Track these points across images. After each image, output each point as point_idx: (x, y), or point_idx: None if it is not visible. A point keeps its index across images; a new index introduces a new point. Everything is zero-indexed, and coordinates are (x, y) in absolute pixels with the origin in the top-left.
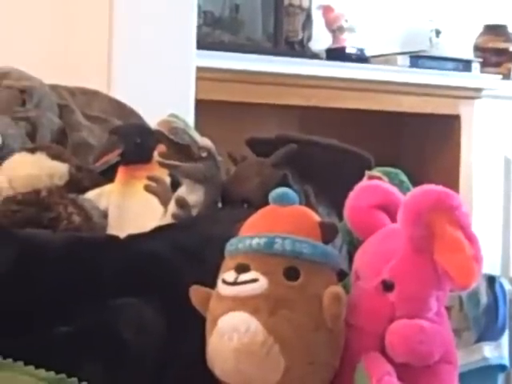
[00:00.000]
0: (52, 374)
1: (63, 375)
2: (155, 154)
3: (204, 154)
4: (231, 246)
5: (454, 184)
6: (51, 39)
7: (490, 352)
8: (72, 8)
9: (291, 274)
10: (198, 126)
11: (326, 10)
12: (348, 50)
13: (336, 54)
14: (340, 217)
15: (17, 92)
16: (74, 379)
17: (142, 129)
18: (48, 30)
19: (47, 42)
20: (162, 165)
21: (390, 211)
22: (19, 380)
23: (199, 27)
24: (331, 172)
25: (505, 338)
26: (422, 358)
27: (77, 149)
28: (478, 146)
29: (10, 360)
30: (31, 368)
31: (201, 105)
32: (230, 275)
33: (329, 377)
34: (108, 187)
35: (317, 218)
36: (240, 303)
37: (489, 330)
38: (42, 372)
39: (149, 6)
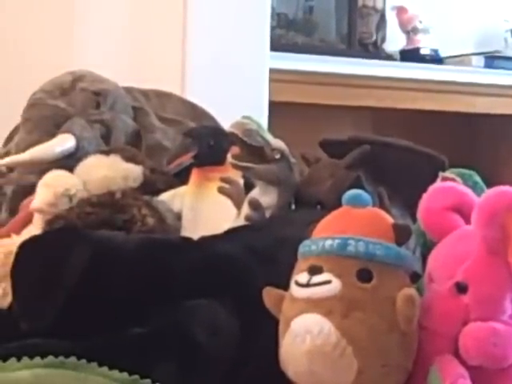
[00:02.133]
0: (125, 375)
1: (136, 376)
2: (229, 156)
3: (277, 156)
4: (304, 247)
5: None
6: (125, 42)
7: None
8: (146, 11)
9: (364, 275)
10: (272, 127)
11: (400, 10)
12: (422, 51)
13: (410, 55)
14: (414, 218)
15: (91, 95)
16: (148, 380)
17: (216, 131)
18: (122, 33)
19: (122, 45)
20: (235, 167)
21: (464, 213)
22: (93, 381)
23: (273, 29)
24: (405, 173)
25: None
26: (496, 360)
27: (151, 151)
28: None
29: (84, 361)
30: (105, 369)
31: (274, 106)
32: (302, 277)
33: (402, 379)
34: (182, 189)
35: (390, 220)
36: (313, 305)
37: None
38: (115, 373)
39: (222, 8)
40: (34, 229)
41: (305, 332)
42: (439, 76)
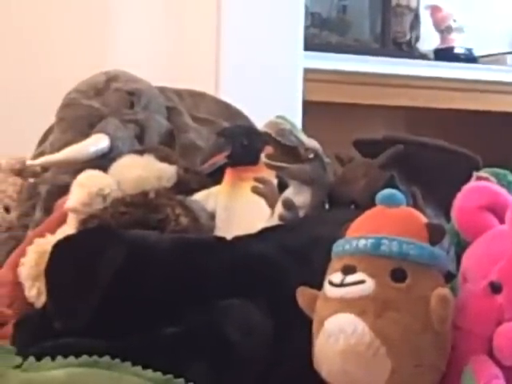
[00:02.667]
0: (159, 374)
1: (170, 376)
2: (262, 156)
3: (311, 156)
4: (338, 247)
5: None
6: (160, 42)
7: None
8: (180, 10)
9: (398, 275)
10: (305, 127)
11: (434, 9)
12: (456, 50)
13: (444, 54)
14: (447, 218)
15: (125, 95)
16: (181, 380)
17: (250, 130)
18: (156, 33)
19: (156, 45)
20: (269, 166)
21: (498, 212)
22: (127, 380)
23: (306, 28)
24: (439, 173)
25: None
26: None
27: (184, 151)
28: None
29: (118, 360)
30: (138, 368)
31: (308, 106)
32: (336, 277)
33: (435, 379)
34: (215, 189)
35: (424, 220)
36: (347, 305)
37: None
38: (149, 372)
39: (256, 7)
40: (69, 228)
41: (338, 332)
42: (473, 75)
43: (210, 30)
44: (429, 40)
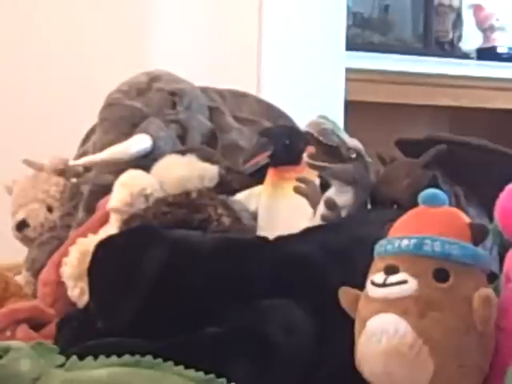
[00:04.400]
0: (201, 374)
1: (212, 376)
2: (304, 156)
3: (353, 155)
4: (380, 247)
5: None
6: (201, 42)
7: None
8: (221, 10)
9: (441, 275)
10: (348, 127)
11: (477, 9)
12: (499, 50)
13: (487, 53)
14: (490, 218)
15: (167, 95)
16: (223, 380)
17: (292, 130)
18: (198, 33)
19: (198, 45)
20: (311, 166)
21: None
22: (169, 379)
23: (348, 28)
24: (481, 173)
25: None
26: None
27: (227, 151)
28: None
29: (160, 360)
30: (181, 368)
31: (350, 106)
32: (379, 277)
33: (478, 381)
34: (257, 189)
35: (467, 220)
36: (389, 305)
37: None
38: (191, 372)
39: (298, 7)
40: (111, 228)
41: (381, 332)
42: None
43: (251, 30)
44: (471, 39)
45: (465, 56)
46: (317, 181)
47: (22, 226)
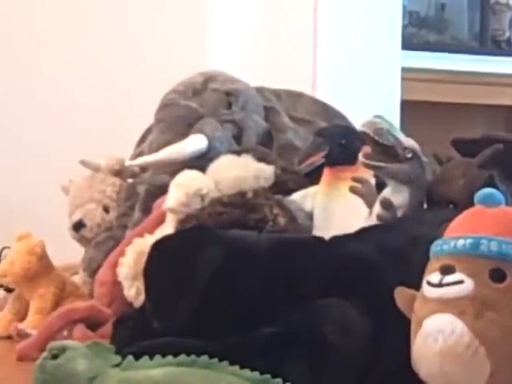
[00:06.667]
0: (256, 374)
1: (268, 376)
2: (360, 156)
3: (409, 155)
4: (436, 247)
5: None
6: (257, 42)
7: None
8: (277, 10)
9: (497, 275)
10: (404, 126)
11: None
12: None
13: None
14: None
15: (223, 95)
16: (278, 380)
17: (347, 130)
18: (254, 33)
19: (253, 45)
20: (366, 166)
21: None
22: (224, 379)
23: (404, 27)
24: None
25: None
26: None
27: (282, 151)
28: None
29: (216, 360)
30: (236, 368)
31: (406, 105)
32: (434, 277)
33: None
34: (313, 189)
35: None
36: (445, 305)
37: None
38: (246, 372)
39: (353, 7)
40: (167, 228)
41: (437, 332)
42: None
43: (307, 29)
44: None
45: None
46: (373, 180)
47: (78, 226)
